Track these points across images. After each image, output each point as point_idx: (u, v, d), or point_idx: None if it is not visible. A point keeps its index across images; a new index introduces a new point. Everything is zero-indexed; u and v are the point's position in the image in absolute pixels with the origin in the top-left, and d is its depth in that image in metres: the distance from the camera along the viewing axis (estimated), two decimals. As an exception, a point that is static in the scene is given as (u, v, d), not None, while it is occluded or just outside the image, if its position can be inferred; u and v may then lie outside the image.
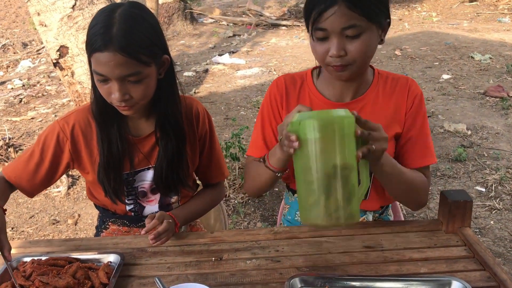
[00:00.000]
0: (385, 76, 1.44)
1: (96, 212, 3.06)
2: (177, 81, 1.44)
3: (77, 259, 1.29)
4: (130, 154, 1.45)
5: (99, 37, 1.20)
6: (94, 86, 1.35)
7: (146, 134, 1.46)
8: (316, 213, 1.09)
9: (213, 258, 1.33)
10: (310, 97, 1.45)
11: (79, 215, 3.20)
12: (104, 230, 1.61)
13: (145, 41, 1.25)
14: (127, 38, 1.21)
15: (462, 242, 1.36)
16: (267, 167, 1.31)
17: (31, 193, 1.48)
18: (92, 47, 1.22)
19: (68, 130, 1.42)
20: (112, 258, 1.31)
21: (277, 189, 3.32)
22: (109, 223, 1.59)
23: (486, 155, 3.60)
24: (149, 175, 1.49)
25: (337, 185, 1.06)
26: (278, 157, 1.25)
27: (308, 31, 1.31)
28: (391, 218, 1.65)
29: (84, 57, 3.63)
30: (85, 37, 1.28)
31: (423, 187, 1.39)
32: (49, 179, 1.47)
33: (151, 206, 1.55)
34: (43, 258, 1.29)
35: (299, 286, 1.19)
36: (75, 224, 3.11)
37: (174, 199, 1.56)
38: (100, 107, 1.38)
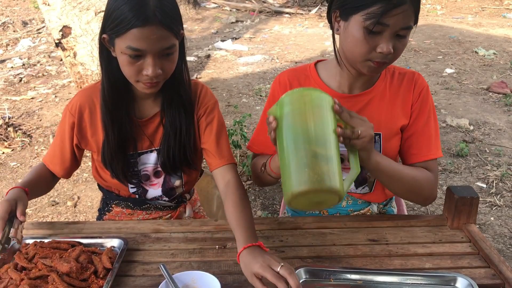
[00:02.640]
0: (392, 70, 1.43)
1: (96, 195, 3.05)
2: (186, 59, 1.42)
3: (80, 243, 1.28)
4: (135, 136, 1.44)
5: (137, 12, 1.19)
6: (106, 65, 1.34)
7: (151, 115, 1.45)
8: (293, 184, 1.00)
9: (217, 246, 1.33)
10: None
11: (78, 198, 3.19)
12: (107, 213, 1.60)
13: (176, 13, 1.27)
14: (164, 11, 1.21)
15: (467, 238, 1.36)
16: (269, 174, 1.33)
17: (66, 175, 1.55)
18: (128, 24, 1.19)
19: (74, 111, 1.44)
20: (115, 242, 1.30)
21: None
22: (113, 205, 1.58)
23: (488, 151, 3.59)
24: (152, 157, 1.48)
25: (315, 158, 1.00)
26: (276, 164, 1.26)
27: (337, 18, 1.27)
28: (395, 210, 1.65)
29: (87, 38, 3.60)
30: (88, 18, 1.28)
31: (427, 183, 1.36)
32: (76, 160, 1.53)
33: (154, 190, 1.54)
34: (46, 240, 1.28)
35: (304, 277, 1.19)
36: (75, 207, 3.10)
37: (177, 183, 1.55)
38: (113, 89, 1.37)
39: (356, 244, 1.33)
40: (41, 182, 1.49)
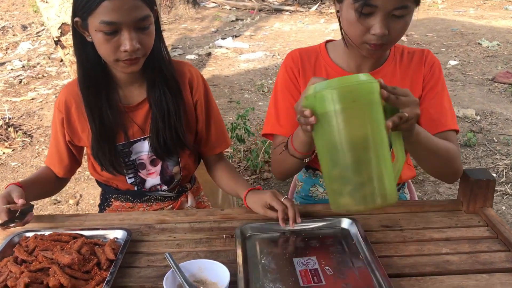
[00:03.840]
0: (401, 49, 1.40)
1: (98, 193, 3.00)
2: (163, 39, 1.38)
3: (82, 235, 1.23)
4: (123, 124, 1.39)
5: None
6: (80, 51, 1.30)
7: (138, 101, 1.40)
8: (346, 198, 0.97)
9: (224, 236, 1.28)
10: (326, 69, 1.39)
11: (80, 196, 3.15)
12: (107, 208, 1.55)
13: None
14: None
15: (484, 222, 1.31)
16: (292, 154, 1.24)
17: (67, 174, 1.52)
18: None
19: (62, 106, 1.40)
20: (118, 234, 1.25)
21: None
22: (112, 200, 1.53)
23: (496, 140, 3.53)
24: (146, 146, 1.43)
25: (368, 163, 0.94)
26: (301, 139, 1.18)
27: (338, 3, 1.24)
28: (407, 196, 1.60)
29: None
30: None
31: (456, 154, 1.29)
32: (75, 158, 1.50)
33: (153, 179, 1.49)
34: (46, 233, 1.24)
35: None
36: (77, 205, 3.05)
37: (175, 169, 1.49)
38: (87, 74, 1.33)
39: (369, 230, 1.28)
40: (43, 183, 1.45)
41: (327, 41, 1.44)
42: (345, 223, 1.28)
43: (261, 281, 1.08)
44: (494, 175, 3.09)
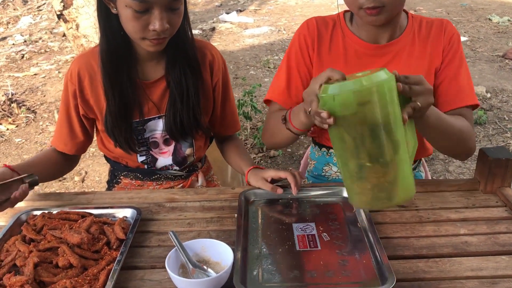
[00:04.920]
0: (419, 20, 1.36)
1: (103, 170, 2.98)
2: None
3: (91, 214, 1.21)
4: (139, 101, 1.35)
5: None
6: (104, 23, 1.24)
7: (156, 78, 1.35)
8: (366, 197, 0.99)
9: (236, 215, 1.24)
10: (343, 39, 1.35)
11: (86, 172, 3.13)
12: (116, 185, 1.52)
13: None
14: None
15: (502, 202, 1.27)
16: (289, 129, 1.23)
17: (79, 151, 1.46)
18: None
19: (74, 78, 1.34)
20: (127, 212, 1.23)
21: (290, 150, 3.23)
22: (121, 177, 1.50)
23: (507, 118, 3.47)
24: (160, 124, 1.39)
25: (388, 161, 0.93)
26: (302, 120, 1.16)
27: None
28: (423, 175, 1.56)
29: (90, 9, 3.48)
30: None
31: (470, 133, 1.26)
32: (88, 133, 1.44)
33: (164, 158, 1.46)
34: (54, 211, 1.21)
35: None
36: (82, 181, 3.03)
37: (188, 151, 1.46)
38: (111, 48, 1.27)
39: (384, 210, 1.24)
40: (44, 164, 1.38)
41: (346, 11, 1.39)
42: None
43: (259, 244, 1.11)
44: (505, 153, 3.05)
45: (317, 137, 1.49)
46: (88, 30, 3.56)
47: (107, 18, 1.23)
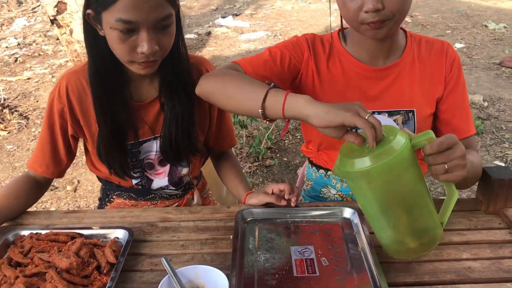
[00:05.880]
0: (418, 39, 1.31)
1: (96, 179, 2.93)
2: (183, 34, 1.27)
3: (81, 234, 1.16)
4: (134, 123, 1.29)
5: None
6: (91, 45, 1.18)
7: (150, 99, 1.30)
8: (395, 249, 1.02)
9: (231, 236, 1.20)
10: (340, 60, 1.30)
11: (78, 182, 3.07)
12: (108, 204, 1.47)
13: None
14: None
15: (505, 224, 1.24)
16: (262, 113, 1.04)
17: (61, 175, 1.38)
18: None
19: (63, 96, 1.26)
20: (119, 233, 1.18)
21: (286, 159, 3.19)
22: (114, 196, 1.45)
23: (504, 128, 3.45)
24: (155, 145, 1.34)
25: (414, 219, 0.97)
26: (281, 118, 1.02)
27: None
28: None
29: (83, 14, 3.44)
30: None
31: (480, 164, 1.25)
32: (72, 155, 1.37)
33: (160, 180, 1.41)
34: (43, 232, 1.16)
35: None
36: (75, 191, 2.98)
37: (185, 171, 1.42)
38: (99, 70, 1.20)
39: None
40: (17, 195, 1.29)
41: (339, 30, 1.34)
42: (347, 212, 1.24)
43: (255, 269, 1.06)
44: (503, 164, 3.02)
45: (313, 158, 1.45)
46: (82, 36, 3.52)
47: (94, 41, 1.17)
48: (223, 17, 7.08)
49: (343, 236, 1.17)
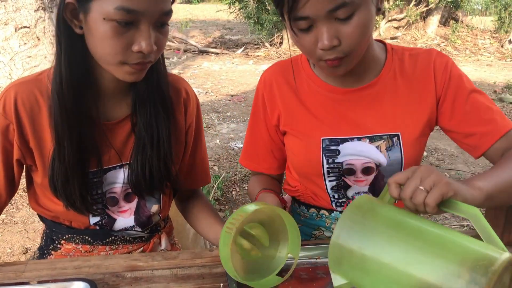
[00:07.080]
0: (401, 52, 1.14)
1: (16, 239, 2.47)
2: None
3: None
4: (99, 146, 1.05)
5: None
6: (66, 49, 0.95)
7: (119, 118, 1.08)
8: None
9: (222, 284, 0.96)
10: (309, 84, 1.17)
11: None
12: (52, 252, 1.15)
13: None
14: None
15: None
16: None
17: (3, 205, 1.09)
18: None
19: (9, 110, 0.99)
20: (77, 287, 0.89)
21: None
22: (62, 241, 1.14)
23: (448, 175, 3.52)
24: (121, 175, 1.10)
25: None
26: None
27: (284, 22, 1.01)
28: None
29: (6, 58, 3.10)
30: (7, 34, 1.07)
31: None
32: (13, 186, 1.08)
33: (125, 219, 1.14)
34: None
35: None
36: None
37: (155, 208, 1.17)
38: (72, 82, 0.97)
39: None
40: None
41: None
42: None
43: None
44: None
45: (301, 196, 1.26)
46: (2, 81, 3.16)
47: (68, 41, 0.95)
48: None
49: None
